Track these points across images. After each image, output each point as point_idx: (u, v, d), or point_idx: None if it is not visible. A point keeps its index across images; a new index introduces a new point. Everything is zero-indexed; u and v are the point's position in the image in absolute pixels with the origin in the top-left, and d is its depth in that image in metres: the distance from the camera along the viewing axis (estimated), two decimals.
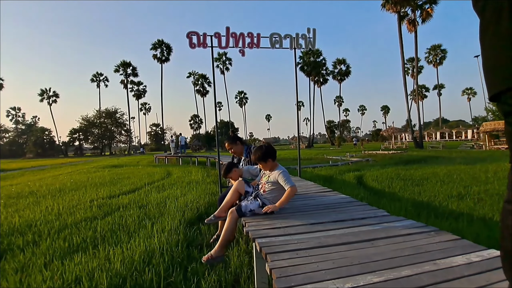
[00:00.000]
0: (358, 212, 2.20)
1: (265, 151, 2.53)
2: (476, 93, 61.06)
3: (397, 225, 1.85)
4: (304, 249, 1.49)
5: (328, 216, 2.12)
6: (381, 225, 1.86)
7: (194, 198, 5.94)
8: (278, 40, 4.83)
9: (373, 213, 2.15)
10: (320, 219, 2.07)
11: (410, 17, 22.98)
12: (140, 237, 3.57)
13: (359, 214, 2.16)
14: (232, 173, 2.98)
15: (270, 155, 2.50)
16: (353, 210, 2.29)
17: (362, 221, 1.96)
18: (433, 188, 5.92)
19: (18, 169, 20.64)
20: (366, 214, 2.12)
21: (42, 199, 6.80)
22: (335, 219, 2.05)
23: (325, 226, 1.89)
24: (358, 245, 1.53)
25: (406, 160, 13.33)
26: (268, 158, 2.49)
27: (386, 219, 1.99)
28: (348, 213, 2.20)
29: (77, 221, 4.57)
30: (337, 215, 2.16)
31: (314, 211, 2.38)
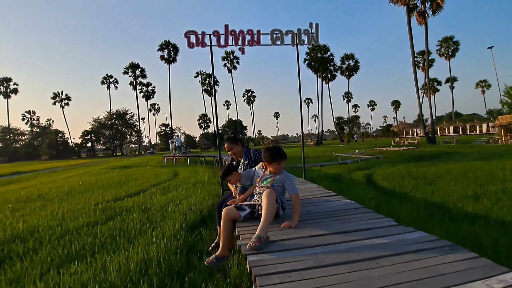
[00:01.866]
0: (363, 222, 2.02)
1: (276, 152, 2.41)
2: (490, 86, 58.90)
3: (406, 238, 1.66)
4: (299, 270, 1.32)
5: (330, 227, 1.95)
6: (388, 238, 1.67)
7: (198, 200, 5.84)
8: (279, 37, 4.65)
9: (380, 222, 1.97)
10: (321, 230, 1.90)
11: (419, 9, 22.22)
12: (140, 244, 3.47)
13: (364, 223, 1.98)
14: (232, 176, 2.83)
15: (280, 156, 2.39)
16: (358, 219, 2.10)
17: (367, 233, 1.78)
18: (447, 187, 5.63)
19: (32, 171, 21.14)
20: (372, 224, 1.94)
21: (49, 203, 6.85)
22: (338, 230, 1.88)
23: (326, 239, 1.72)
24: (360, 264, 1.36)
25: (418, 156, 12.91)
26: (279, 160, 2.38)
27: (394, 230, 1.80)
28: (353, 223, 2.01)
29: (79, 226, 4.52)
30: (340, 225, 1.98)
31: (315, 220, 2.21)
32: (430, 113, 26.15)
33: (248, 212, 2.39)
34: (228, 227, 2.33)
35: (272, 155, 2.38)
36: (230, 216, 2.32)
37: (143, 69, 52.62)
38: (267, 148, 2.47)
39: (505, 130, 18.10)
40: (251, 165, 3.04)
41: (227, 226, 2.32)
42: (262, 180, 2.47)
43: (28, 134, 58.56)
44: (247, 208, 2.42)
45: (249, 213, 2.39)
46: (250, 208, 2.41)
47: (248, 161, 3.07)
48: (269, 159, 2.39)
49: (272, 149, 2.44)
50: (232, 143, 3.24)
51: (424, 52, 43.96)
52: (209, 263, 2.37)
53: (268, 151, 2.42)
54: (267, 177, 2.45)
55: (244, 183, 2.72)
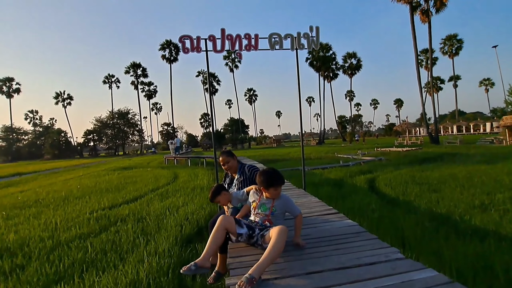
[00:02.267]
0: (367, 253, 1.84)
1: (271, 176, 2.18)
2: (494, 84, 58.23)
3: (414, 278, 1.48)
4: None
5: (330, 260, 1.77)
6: (393, 278, 1.50)
7: (195, 208, 5.69)
8: (278, 41, 4.46)
9: (385, 254, 1.79)
10: (319, 263, 1.73)
11: (423, 7, 21.87)
12: (130, 262, 3.31)
13: (367, 255, 1.80)
14: (221, 197, 2.64)
15: (277, 182, 2.18)
16: (360, 248, 1.93)
17: (371, 269, 1.61)
18: (452, 194, 5.44)
19: (33, 172, 21.11)
20: (376, 257, 1.76)
21: (45, 209, 6.73)
22: (338, 264, 1.70)
23: (323, 278, 1.55)
24: None
25: (422, 158, 12.68)
26: (276, 185, 2.17)
27: (400, 267, 1.62)
28: (355, 254, 1.84)
29: (71, 238, 4.38)
30: (341, 257, 1.81)
31: (313, 248, 2.04)
32: (434, 112, 25.82)
33: (245, 234, 2.13)
34: (219, 235, 2.04)
35: (267, 179, 2.17)
36: (226, 225, 2.06)
37: (144, 68, 52.60)
38: (262, 172, 2.26)
39: (510, 131, 17.78)
40: (246, 182, 2.87)
41: (218, 234, 2.03)
42: (259, 207, 2.24)
43: (31, 134, 58.76)
44: (245, 228, 2.15)
45: (246, 235, 2.13)
46: (249, 230, 2.14)
47: (243, 177, 2.89)
48: (264, 184, 2.18)
49: (267, 173, 2.23)
50: (228, 156, 3.06)
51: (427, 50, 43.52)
52: (185, 271, 1.96)
53: (263, 175, 2.20)
54: (265, 202, 2.23)
55: (234, 205, 2.54)
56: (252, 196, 2.34)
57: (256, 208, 2.26)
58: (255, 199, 2.30)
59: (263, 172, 2.24)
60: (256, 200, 2.29)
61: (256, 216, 2.23)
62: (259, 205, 2.25)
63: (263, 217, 2.20)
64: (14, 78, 54.48)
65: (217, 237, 2.03)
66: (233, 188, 2.98)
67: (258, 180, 2.20)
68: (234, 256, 1.96)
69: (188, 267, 1.88)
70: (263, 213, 2.21)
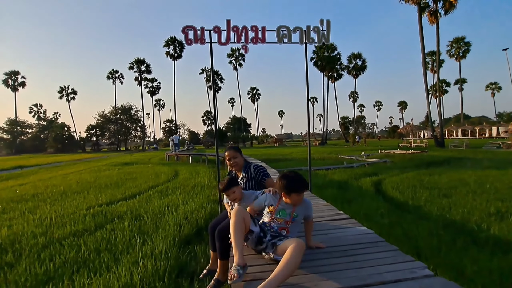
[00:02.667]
0: (389, 267, 1.61)
1: (294, 181, 1.91)
2: (501, 88, 57.55)
3: None
4: None
5: (346, 275, 1.55)
6: None
7: (195, 207, 5.48)
8: (286, 34, 4.23)
9: (410, 270, 1.55)
10: (334, 279, 1.51)
11: (431, 8, 21.47)
12: (124, 264, 3.11)
13: (389, 270, 1.57)
14: (237, 188, 2.38)
15: (301, 187, 1.92)
16: (380, 261, 1.70)
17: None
18: (465, 200, 5.18)
19: (35, 166, 21.05)
20: (401, 273, 1.52)
21: (42, 204, 6.56)
22: (356, 280, 1.47)
23: None
24: None
25: (428, 161, 12.40)
26: (299, 191, 1.92)
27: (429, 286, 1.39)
28: (375, 268, 1.61)
29: (65, 235, 4.20)
30: (359, 271, 1.58)
31: (326, 259, 1.81)
32: (439, 115, 25.47)
33: (256, 234, 1.88)
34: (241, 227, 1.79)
35: (289, 184, 1.90)
36: (243, 215, 1.82)
37: (148, 64, 52.45)
38: (284, 176, 1.98)
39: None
40: (250, 182, 2.64)
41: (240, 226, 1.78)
42: (277, 212, 1.97)
43: (35, 127, 58.91)
44: (258, 227, 1.92)
45: (256, 236, 1.88)
46: (260, 231, 1.91)
47: (248, 177, 2.67)
48: (286, 189, 1.91)
49: (288, 176, 1.95)
50: (236, 151, 2.83)
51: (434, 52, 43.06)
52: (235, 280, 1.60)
53: (285, 179, 1.93)
54: (284, 208, 1.97)
55: (246, 203, 2.31)
56: (269, 199, 2.07)
57: (274, 213, 1.99)
58: (273, 203, 2.03)
59: (285, 176, 1.98)
60: (274, 204, 2.02)
61: (273, 221, 1.97)
62: (278, 210, 1.98)
63: (282, 224, 1.95)
64: (19, 71, 54.66)
65: (241, 229, 1.80)
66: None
67: (279, 184, 1.95)
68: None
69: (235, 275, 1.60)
70: (282, 219, 1.95)
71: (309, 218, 2.07)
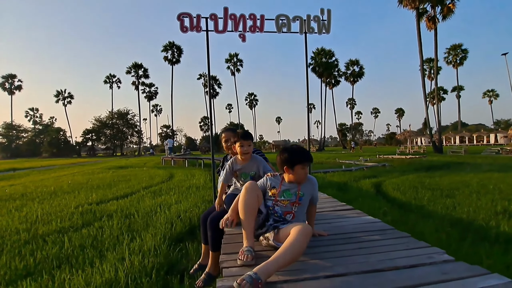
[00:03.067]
0: (401, 253, 1.42)
1: (297, 152, 1.71)
2: (498, 95, 58.04)
3: (479, 286, 1.06)
4: None
5: (354, 261, 1.35)
6: (449, 285, 1.08)
7: (189, 206, 5.25)
8: (285, 23, 4.09)
9: (427, 256, 1.36)
10: (341, 265, 1.31)
11: (429, 13, 21.67)
12: (109, 259, 2.88)
13: (402, 255, 1.38)
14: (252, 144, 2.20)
15: (305, 157, 1.71)
16: (391, 247, 1.50)
17: (413, 273, 1.19)
18: (469, 200, 5.00)
19: (28, 168, 20.66)
20: (416, 258, 1.33)
21: (30, 202, 6.30)
22: (366, 266, 1.28)
23: (350, 283, 1.13)
24: None
25: (427, 166, 12.25)
26: (303, 162, 1.70)
27: (451, 270, 1.20)
28: (384, 253, 1.41)
29: (49, 231, 3.96)
30: (368, 257, 1.38)
31: (330, 245, 1.61)
32: (437, 122, 25.50)
33: (263, 217, 1.69)
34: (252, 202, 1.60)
35: (293, 156, 1.69)
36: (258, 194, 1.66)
37: (146, 69, 52.42)
38: (284, 149, 1.77)
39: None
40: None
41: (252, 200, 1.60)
42: (281, 193, 1.75)
43: (30, 131, 58.33)
44: (266, 209, 1.74)
45: (262, 219, 1.69)
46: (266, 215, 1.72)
47: None
48: (289, 162, 1.70)
49: (290, 149, 1.75)
50: (235, 134, 2.62)
51: (431, 59, 43.53)
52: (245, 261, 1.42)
53: (285, 152, 1.73)
54: (288, 188, 1.74)
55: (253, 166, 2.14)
56: (270, 181, 1.82)
57: (277, 195, 1.76)
58: (275, 185, 1.79)
59: (285, 149, 1.76)
60: (276, 186, 1.79)
61: (277, 204, 1.74)
62: (282, 191, 1.75)
63: (287, 206, 1.71)
64: (16, 75, 54.35)
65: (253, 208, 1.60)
66: None
67: (280, 159, 1.74)
68: (228, 253, 1.52)
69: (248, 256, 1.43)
70: (287, 201, 1.72)
71: (315, 200, 1.85)
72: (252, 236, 1.52)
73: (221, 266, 1.36)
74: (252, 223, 1.59)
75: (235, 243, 1.69)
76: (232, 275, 1.24)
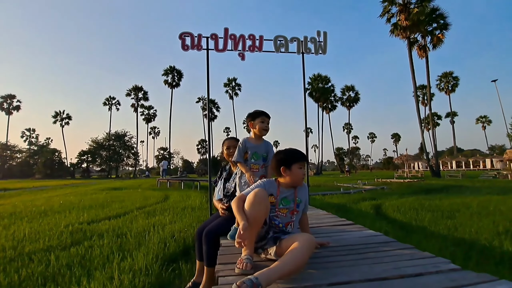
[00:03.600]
0: (407, 263, 1.34)
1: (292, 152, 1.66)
2: (491, 121, 59.22)
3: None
4: None
5: (358, 270, 1.27)
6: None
7: (184, 226, 5.08)
8: (283, 44, 4.21)
9: (433, 265, 1.29)
10: (345, 274, 1.23)
11: (420, 43, 22.67)
12: (97, 278, 2.72)
13: (408, 265, 1.31)
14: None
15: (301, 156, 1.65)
16: (396, 258, 1.43)
17: (420, 281, 1.11)
18: (470, 222, 4.90)
19: (19, 189, 20.19)
20: (421, 268, 1.26)
21: (19, 221, 6.06)
22: (371, 275, 1.20)
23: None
24: None
25: (426, 189, 12.17)
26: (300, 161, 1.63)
27: (459, 278, 1.13)
28: (389, 264, 1.34)
29: (36, 250, 3.77)
30: (373, 267, 1.30)
31: (331, 256, 1.53)
32: (433, 147, 25.73)
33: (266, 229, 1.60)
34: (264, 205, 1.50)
35: (288, 156, 1.63)
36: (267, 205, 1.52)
37: (146, 92, 53.26)
38: (279, 151, 1.73)
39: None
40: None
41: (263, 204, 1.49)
42: (279, 201, 1.66)
43: (25, 152, 57.77)
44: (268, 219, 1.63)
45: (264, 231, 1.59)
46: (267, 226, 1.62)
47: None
48: (285, 162, 1.62)
49: (285, 150, 1.71)
50: (237, 141, 2.61)
51: (424, 86, 44.86)
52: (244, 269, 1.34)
53: (280, 154, 1.68)
54: (286, 195, 1.67)
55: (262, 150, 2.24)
56: (268, 186, 1.69)
57: (277, 203, 1.65)
58: (273, 192, 1.67)
59: (280, 151, 1.71)
60: (274, 193, 1.67)
61: (277, 216, 1.64)
62: (280, 199, 1.65)
63: (286, 216, 1.63)
64: (15, 95, 54.83)
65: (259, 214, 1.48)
66: (230, 183, 2.49)
67: (276, 160, 1.67)
68: (225, 263, 1.43)
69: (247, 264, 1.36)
70: (286, 209, 1.64)
71: (306, 208, 1.78)
72: (252, 246, 1.44)
73: (217, 275, 1.27)
74: (255, 234, 1.50)
75: (232, 254, 1.60)
76: (228, 283, 1.16)
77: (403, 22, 21.17)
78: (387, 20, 22.62)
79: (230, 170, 2.56)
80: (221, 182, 2.62)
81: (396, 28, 21.94)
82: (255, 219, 1.46)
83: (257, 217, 1.47)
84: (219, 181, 2.67)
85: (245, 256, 1.38)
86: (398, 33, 21.73)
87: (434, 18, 21.10)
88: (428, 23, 21.17)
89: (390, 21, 22.52)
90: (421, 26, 21.06)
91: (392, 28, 22.31)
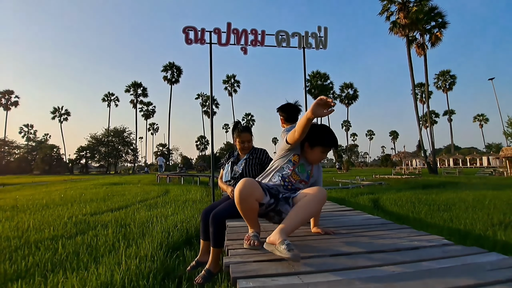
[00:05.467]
0: (403, 239, 1.45)
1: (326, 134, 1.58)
2: (488, 120, 59.58)
3: (479, 261, 1.09)
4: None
5: (359, 245, 1.37)
6: (449, 260, 1.11)
7: (186, 217, 5.18)
8: (285, 38, 4.28)
9: (427, 241, 1.39)
10: (345, 247, 1.33)
11: (419, 41, 22.77)
12: (105, 263, 2.81)
13: (404, 241, 1.41)
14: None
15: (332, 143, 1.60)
16: (393, 236, 1.53)
17: (416, 254, 1.22)
18: (465, 214, 5.04)
19: (17, 184, 20.21)
20: (418, 243, 1.36)
21: (21, 214, 6.13)
22: (370, 248, 1.30)
23: (356, 260, 1.15)
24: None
25: (423, 184, 12.33)
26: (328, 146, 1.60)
27: (452, 251, 1.24)
28: (388, 240, 1.44)
29: (42, 239, 3.85)
30: (371, 242, 1.41)
31: (333, 235, 1.62)
32: (430, 144, 25.91)
33: (267, 204, 1.50)
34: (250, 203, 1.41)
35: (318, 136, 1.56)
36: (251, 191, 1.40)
37: (145, 88, 53.10)
38: (316, 125, 1.61)
39: (510, 162, 17.65)
40: (253, 161, 2.54)
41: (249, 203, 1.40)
42: (297, 167, 1.60)
43: (23, 148, 57.59)
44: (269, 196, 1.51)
45: (272, 203, 1.51)
46: (271, 198, 1.51)
47: (252, 157, 2.55)
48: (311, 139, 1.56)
49: (319, 126, 1.62)
50: (252, 135, 2.75)
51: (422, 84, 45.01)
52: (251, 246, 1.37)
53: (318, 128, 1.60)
54: (304, 163, 1.63)
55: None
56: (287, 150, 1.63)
57: (297, 164, 1.61)
58: (296, 152, 1.62)
59: (317, 125, 1.60)
60: (299, 153, 1.62)
61: (292, 178, 1.61)
62: (299, 165, 1.61)
63: (296, 183, 1.61)
64: (13, 91, 54.54)
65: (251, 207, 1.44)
66: (238, 167, 2.59)
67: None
68: (234, 239, 1.53)
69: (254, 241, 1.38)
70: (298, 177, 1.62)
71: (317, 182, 1.79)
72: (257, 223, 1.50)
73: (227, 249, 1.36)
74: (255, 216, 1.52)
75: (239, 233, 1.70)
76: (238, 254, 1.25)
77: (402, 20, 21.26)
78: (386, 18, 22.70)
79: (239, 156, 2.66)
80: (228, 165, 2.71)
81: (395, 26, 22.02)
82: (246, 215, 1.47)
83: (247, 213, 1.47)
84: (226, 164, 2.76)
85: (252, 233, 1.46)
86: (397, 31, 21.82)
87: (432, 16, 21.20)
88: (426, 21, 21.27)
89: (389, 19, 22.61)
90: (419, 25, 21.15)
91: (391, 26, 22.39)
